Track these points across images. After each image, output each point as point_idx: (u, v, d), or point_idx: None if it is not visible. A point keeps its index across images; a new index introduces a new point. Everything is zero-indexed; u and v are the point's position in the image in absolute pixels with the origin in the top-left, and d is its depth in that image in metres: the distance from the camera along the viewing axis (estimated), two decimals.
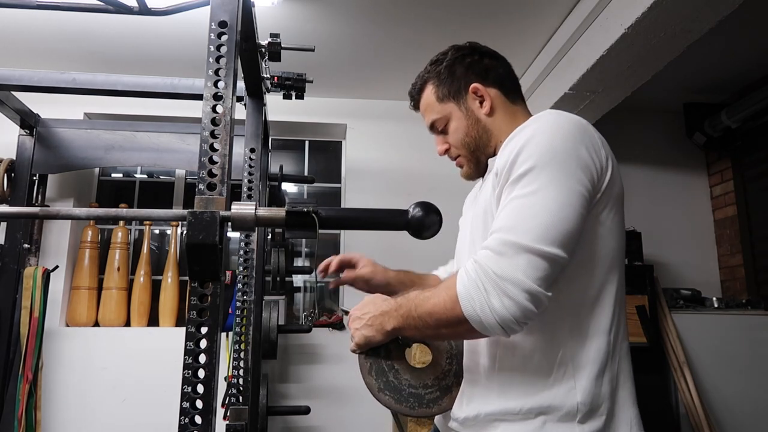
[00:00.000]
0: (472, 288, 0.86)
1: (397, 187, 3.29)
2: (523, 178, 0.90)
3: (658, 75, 2.59)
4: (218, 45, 1.01)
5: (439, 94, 1.16)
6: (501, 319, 0.84)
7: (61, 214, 1.01)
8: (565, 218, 0.87)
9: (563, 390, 0.92)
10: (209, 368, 0.88)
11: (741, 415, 2.88)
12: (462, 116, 1.14)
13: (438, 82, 1.16)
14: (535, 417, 0.91)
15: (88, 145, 2.77)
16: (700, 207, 3.69)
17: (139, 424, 2.77)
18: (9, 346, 2.46)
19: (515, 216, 0.88)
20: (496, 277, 0.84)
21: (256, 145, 2.06)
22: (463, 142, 1.14)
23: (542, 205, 0.87)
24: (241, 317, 1.98)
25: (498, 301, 0.84)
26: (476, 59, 1.16)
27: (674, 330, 2.94)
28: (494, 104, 1.13)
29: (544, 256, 0.85)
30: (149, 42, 2.76)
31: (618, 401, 0.96)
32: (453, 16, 2.57)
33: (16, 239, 2.56)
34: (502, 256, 0.85)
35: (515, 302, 0.83)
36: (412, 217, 1.29)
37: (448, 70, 1.15)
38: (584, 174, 0.91)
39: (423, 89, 1.20)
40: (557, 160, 0.90)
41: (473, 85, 1.13)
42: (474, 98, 1.13)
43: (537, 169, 0.89)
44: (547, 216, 0.86)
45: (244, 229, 0.97)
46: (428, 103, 1.19)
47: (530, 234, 0.85)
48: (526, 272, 0.84)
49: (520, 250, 0.85)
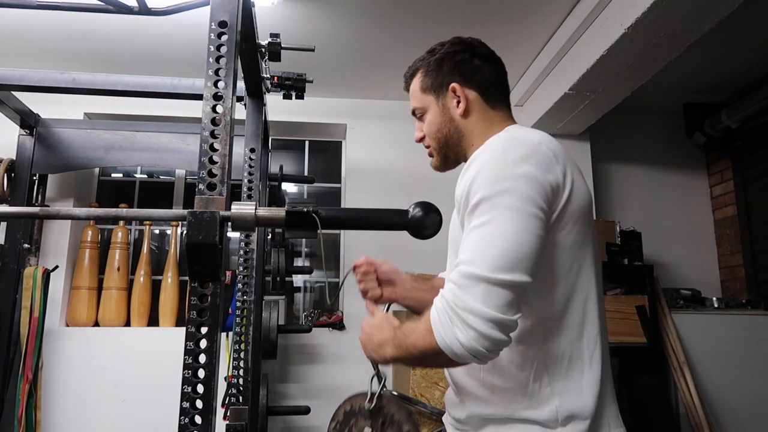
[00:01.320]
0: (439, 321, 0.90)
1: (397, 187, 3.29)
2: (477, 208, 0.93)
3: (658, 75, 2.59)
4: (218, 45, 1.01)
5: (423, 84, 1.18)
6: (469, 349, 0.87)
7: (61, 214, 1.01)
8: (521, 243, 0.90)
9: (542, 399, 0.96)
10: (209, 368, 0.88)
11: (741, 415, 2.88)
12: (438, 111, 1.16)
13: (425, 72, 1.18)
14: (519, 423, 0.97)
15: (88, 145, 2.77)
16: (700, 207, 3.69)
17: (139, 424, 2.77)
18: (9, 346, 2.46)
19: (473, 248, 0.91)
20: (458, 309, 0.88)
21: (256, 145, 2.06)
22: (435, 136, 1.17)
23: (497, 233, 0.90)
24: (241, 317, 1.98)
25: (462, 333, 0.87)
26: (466, 58, 1.16)
27: (674, 330, 2.94)
28: (470, 107, 1.14)
29: (502, 283, 0.88)
30: (149, 42, 2.76)
31: (601, 403, 0.98)
32: (453, 16, 2.57)
33: (16, 239, 2.56)
34: (462, 288, 0.89)
35: (478, 332, 0.86)
36: (412, 217, 1.29)
37: (437, 64, 1.17)
38: (537, 194, 0.93)
39: (414, 75, 1.21)
40: (508, 187, 0.92)
41: (453, 84, 1.14)
42: (452, 97, 1.14)
43: (489, 198, 0.92)
44: (502, 244, 0.89)
45: (244, 229, 0.97)
46: (413, 90, 1.21)
47: (487, 264, 0.88)
48: (486, 302, 0.87)
49: (478, 281, 0.88)
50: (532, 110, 3.18)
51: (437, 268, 3.34)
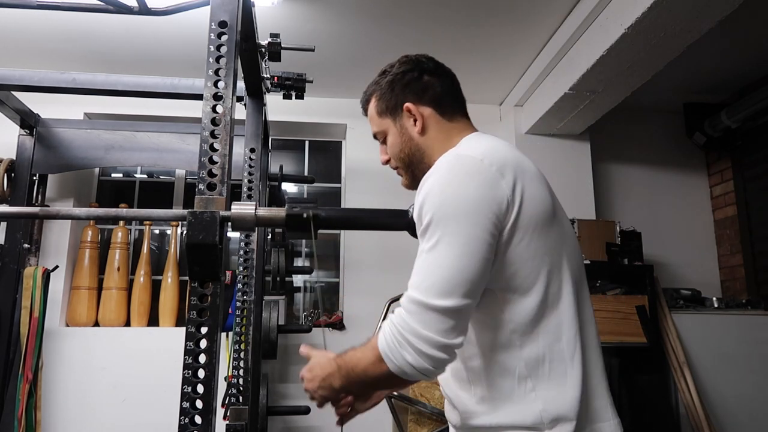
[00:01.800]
0: (389, 346, 0.95)
1: (397, 187, 3.23)
2: (425, 233, 0.97)
3: (658, 75, 2.59)
4: (218, 45, 1.01)
5: (379, 108, 1.19)
6: (418, 369, 0.93)
7: (61, 214, 1.01)
8: (462, 268, 0.93)
9: (527, 404, 0.98)
10: (209, 368, 0.88)
11: (741, 415, 2.88)
12: (396, 133, 1.17)
13: (379, 96, 1.19)
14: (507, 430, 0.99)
15: (88, 145, 2.77)
16: (700, 207, 3.69)
17: (139, 424, 2.77)
18: (9, 346, 2.46)
19: (419, 273, 0.96)
20: (405, 333, 0.93)
21: (256, 145, 2.06)
22: (398, 157, 1.18)
23: (439, 260, 0.94)
24: (241, 317, 1.98)
25: (411, 357, 0.92)
26: (415, 77, 1.17)
27: (674, 330, 2.94)
28: (426, 123, 1.15)
29: (444, 310, 0.92)
30: (149, 42, 2.76)
31: (588, 400, 1.00)
32: (453, 16, 2.57)
33: (16, 239, 2.56)
34: (410, 314, 0.94)
35: (425, 355, 0.92)
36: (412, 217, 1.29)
37: (388, 86, 1.18)
38: (482, 216, 0.95)
39: (369, 101, 1.23)
40: (450, 211, 0.95)
41: (406, 104, 1.15)
42: (408, 116, 1.15)
43: (433, 223, 0.95)
44: (443, 271, 0.93)
45: (244, 229, 0.97)
46: (371, 116, 1.22)
47: (430, 291, 0.93)
48: (430, 328, 0.92)
49: (424, 308, 0.93)
50: (532, 110, 3.18)
51: None
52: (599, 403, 1.03)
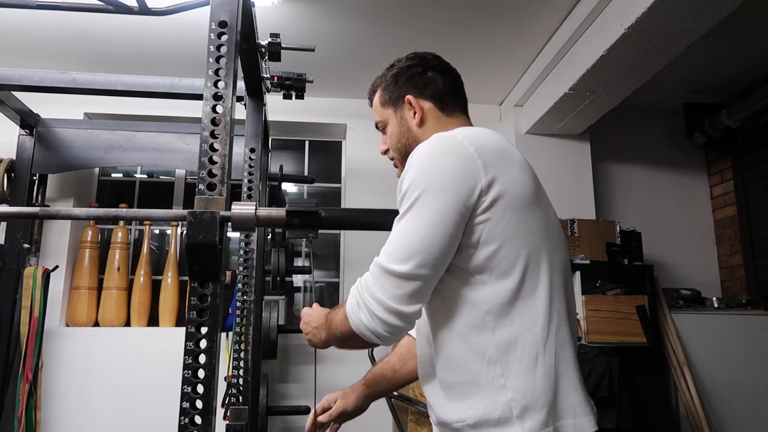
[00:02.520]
0: (350, 306, 1.00)
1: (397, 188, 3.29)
2: (401, 205, 1.01)
3: (658, 75, 2.59)
4: (218, 45, 1.01)
5: (382, 99, 1.25)
6: (372, 331, 0.97)
7: (61, 214, 1.01)
8: (423, 237, 0.95)
9: (495, 390, 0.97)
10: (209, 368, 0.88)
11: (741, 415, 2.88)
12: (396, 123, 1.22)
13: (384, 87, 1.25)
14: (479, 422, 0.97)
15: (88, 145, 2.77)
16: (700, 207, 3.69)
17: (139, 424, 2.77)
18: (9, 346, 2.46)
19: (390, 239, 1.00)
20: (365, 295, 0.98)
21: (256, 145, 2.06)
22: (396, 147, 1.23)
23: (406, 228, 0.97)
24: (241, 317, 1.98)
25: (366, 317, 0.97)
26: (419, 71, 1.22)
27: (674, 330, 2.94)
28: (426, 116, 1.19)
29: (400, 275, 0.95)
30: (149, 42, 2.76)
31: (560, 391, 0.99)
32: (453, 16, 2.57)
33: (16, 239, 2.56)
34: (372, 276, 0.99)
35: (377, 317, 0.96)
36: None
37: (393, 79, 1.24)
38: (450, 192, 0.96)
39: (375, 91, 1.28)
40: (423, 183, 0.98)
41: (408, 96, 1.20)
42: (408, 108, 1.20)
43: (407, 194, 0.99)
44: (405, 238, 0.96)
45: (244, 229, 0.97)
46: (375, 106, 1.28)
47: (391, 256, 0.97)
48: (385, 291, 0.96)
49: (382, 272, 0.97)
50: (532, 110, 3.18)
51: None
52: (577, 397, 1.01)
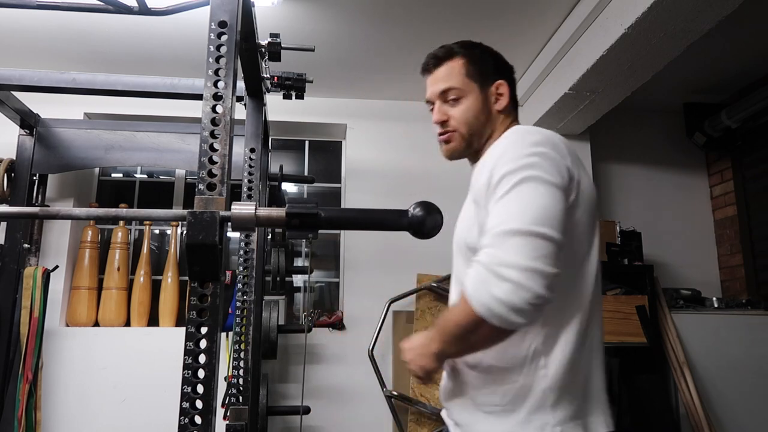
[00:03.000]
0: (473, 287, 0.90)
1: (397, 187, 3.29)
2: (500, 183, 0.97)
3: (658, 75, 2.59)
4: (218, 45, 1.01)
5: (469, 70, 1.21)
6: (508, 303, 0.85)
7: (61, 214, 1.01)
8: (549, 206, 0.92)
9: (535, 379, 0.98)
10: (209, 368, 0.88)
11: (741, 415, 2.88)
12: (479, 100, 1.20)
13: (471, 60, 1.21)
14: (512, 407, 0.99)
15: (88, 145, 2.77)
16: (700, 207, 3.69)
17: (139, 424, 2.77)
18: (9, 346, 2.46)
19: (501, 213, 0.93)
20: (492, 266, 0.88)
21: (256, 145, 2.06)
22: (469, 122, 1.19)
23: (525, 199, 0.93)
24: (241, 317, 1.98)
25: (499, 289, 0.86)
26: (507, 64, 1.27)
27: (674, 330, 2.94)
28: (507, 105, 1.22)
29: (537, 234, 0.88)
30: (149, 42, 2.76)
31: (590, 390, 1.02)
32: (453, 16, 2.57)
33: (16, 239, 2.56)
34: (494, 246, 0.89)
35: (514, 283, 0.85)
36: (412, 217, 1.29)
37: (483, 57, 1.23)
38: (556, 171, 0.98)
39: (451, 58, 1.23)
40: (530, 162, 0.97)
41: (500, 81, 1.22)
42: (494, 92, 1.21)
43: (512, 171, 0.96)
44: (532, 205, 0.92)
45: (244, 229, 0.97)
46: (451, 73, 1.21)
47: (519, 219, 0.90)
48: (519, 252, 0.87)
49: (512, 235, 0.89)
50: (532, 110, 3.18)
51: (437, 268, 3.35)
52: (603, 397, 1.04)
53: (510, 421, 0.99)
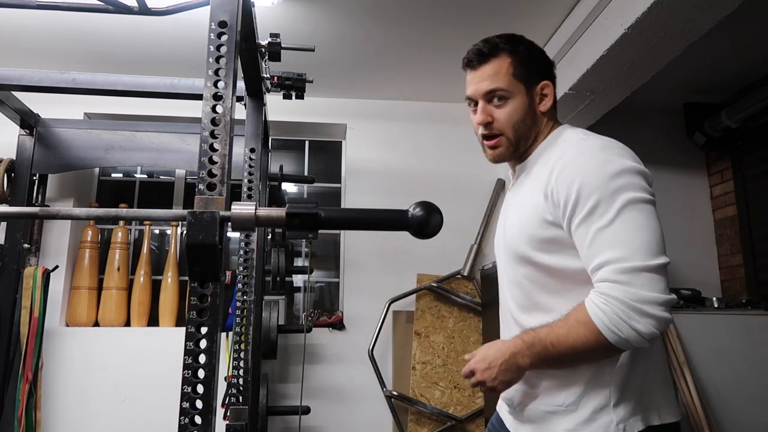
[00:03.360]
0: (613, 320, 0.96)
1: (397, 187, 3.29)
2: (596, 210, 1.00)
3: (658, 75, 2.58)
4: (218, 45, 1.01)
5: (516, 71, 1.18)
6: (649, 336, 0.96)
7: (61, 214, 1.01)
8: (654, 228, 0.99)
9: (601, 378, 1.05)
10: (209, 368, 0.88)
11: (741, 415, 2.88)
12: (525, 102, 1.17)
13: (518, 59, 1.18)
14: (575, 407, 1.05)
15: (88, 145, 2.77)
16: (700, 207, 3.69)
17: (139, 424, 2.77)
18: (9, 346, 2.46)
19: (613, 245, 0.98)
20: (633, 302, 0.95)
21: (256, 145, 2.06)
22: (515, 125, 1.17)
23: (632, 226, 0.98)
24: (241, 317, 1.98)
25: (642, 324, 0.95)
26: (549, 63, 1.24)
27: (674, 330, 2.94)
28: (552, 106, 1.22)
29: (657, 268, 0.97)
30: (149, 42, 2.76)
31: (651, 388, 1.07)
32: (453, 16, 2.57)
33: (16, 239, 2.56)
34: (626, 284, 0.96)
35: (656, 318, 0.95)
36: (412, 217, 1.29)
37: (529, 56, 1.20)
38: (646, 183, 1.04)
39: (497, 54, 1.19)
40: (622, 183, 1.00)
41: (546, 81, 1.20)
42: (539, 92, 1.19)
43: (607, 198, 0.99)
44: (642, 234, 0.98)
45: (244, 229, 0.97)
46: (499, 72, 1.18)
47: (639, 255, 0.96)
48: (652, 289, 0.95)
49: (639, 272, 0.96)
50: None
51: (437, 268, 3.34)
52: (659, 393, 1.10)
53: (574, 419, 1.05)
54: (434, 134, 3.35)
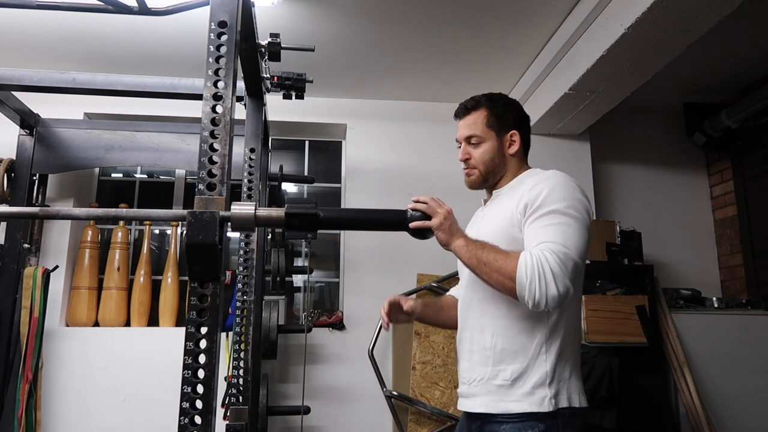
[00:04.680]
0: (527, 271, 1.24)
1: (397, 187, 3.29)
2: (552, 214, 1.31)
3: (658, 75, 2.59)
4: (218, 45, 1.01)
5: (489, 121, 1.52)
6: (537, 300, 1.23)
7: (61, 214, 1.01)
8: (584, 241, 1.33)
9: (539, 361, 1.34)
10: (209, 368, 0.88)
11: (741, 415, 2.88)
12: (495, 145, 1.52)
13: (492, 112, 1.52)
14: (522, 381, 1.33)
15: (88, 145, 2.77)
16: (700, 207, 3.69)
17: (139, 424, 2.77)
18: (9, 346, 2.46)
19: (556, 236, 1.28)
20: (548, 272, 1.23)
21: (256, 145, 2.06)
22: (487, 163, 1.51)
23: (571, 233, 1.30)
24: (241, 317, 1.98)
25: (551, 289, 1.22)
26: (523, 116, 1.60)
27: (674, 330, 2.94)
28: (518, 150, 1.53)
29: (577, 265, 1.28)
30: (149, 42, 2.76)
31: (571, 376, 1.36)
32: (453, 16, 2.57)
33: (16, 239, 2.56)
34: (558, 260, 1.24)
35: (552, 295, 1.23)
36: (411, 217, 1.30)
37: (503, 110, 1.54)
38: (586, 212, 1.37)
39: (477, 109, 1.53)
40: (573, 205, 1.34)
41: (514, 131, 1.53)
42: (508, 139, 1.53)
43: (561, 210, 1.32)
44: (577, 239, 1.30)
45: (244, 229, 0.97)
46: (476, 122, 1.52)
47: (574, 250, 1.28)
48: (568, 276, 1.25)
49: (570, 259, 1.26)
50: (532, 110, 3.18)
51: (437, 268, 3.33)
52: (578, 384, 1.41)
53: (519, 391, 1.33)
54: (434, 134, 3.35)
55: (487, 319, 1.41)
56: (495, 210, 1.50)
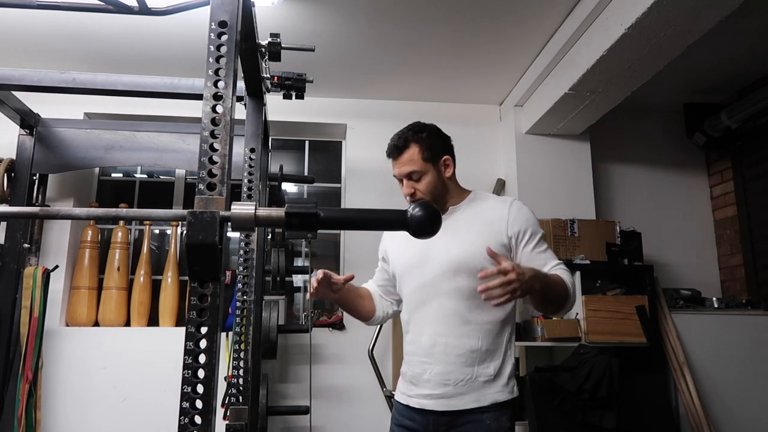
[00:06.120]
0: (573, 286, 1.52)
1: (397, 187, 3.26)
2: (541, 240, 1.58)
3: (658, 75, 2.59)
4: (218, 45, 1.01)
5: (424, 155, 1.62)
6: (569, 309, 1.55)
7: (61, 214, 1.01)
8: None
9: (508, 356, 1.57)
10: (209, 368, 0.88)
11: (741, 415, 2.88)
12: (435, 175, 1.62)
13: (423, 146, 1.62)
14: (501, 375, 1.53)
15: (88, 145, 2.77)
16: (700, 207, 3.69)
17: (139, 424, 2.77)
18: (9, 346, 2.46)
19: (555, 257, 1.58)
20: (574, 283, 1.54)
21: (256, 145, 2.06)
22: (432, 192, 1.62)
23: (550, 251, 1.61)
24: (241, 317, 1.98)
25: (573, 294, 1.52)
26: (447, 139, 1.70)
27: (674, 330, 2.94)
28: (453, 171, 1.67)
29: None
30: (149, 42, 2.76)
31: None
32: (453, 17, 2.57)
33: (16, 239, 2.56)
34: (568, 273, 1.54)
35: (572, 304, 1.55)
36: (411, 217, 1.29)
37: (431, 140, 1.64)
38: None
39: (408, 146, 1.64)
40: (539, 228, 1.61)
41: (446, 156, 1.65)
42: (443, 165, 1.64)
43: (543, 236, 1.59)
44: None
45: (244, 229, 0.97)
46: (412, 158, 1.62)
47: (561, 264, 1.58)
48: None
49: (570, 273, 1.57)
50: (532, 110, 3.18)
51: None
52: None
53: (499, 384, 1.53)
54: None
55: (473, 326, 1.54)
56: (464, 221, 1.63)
